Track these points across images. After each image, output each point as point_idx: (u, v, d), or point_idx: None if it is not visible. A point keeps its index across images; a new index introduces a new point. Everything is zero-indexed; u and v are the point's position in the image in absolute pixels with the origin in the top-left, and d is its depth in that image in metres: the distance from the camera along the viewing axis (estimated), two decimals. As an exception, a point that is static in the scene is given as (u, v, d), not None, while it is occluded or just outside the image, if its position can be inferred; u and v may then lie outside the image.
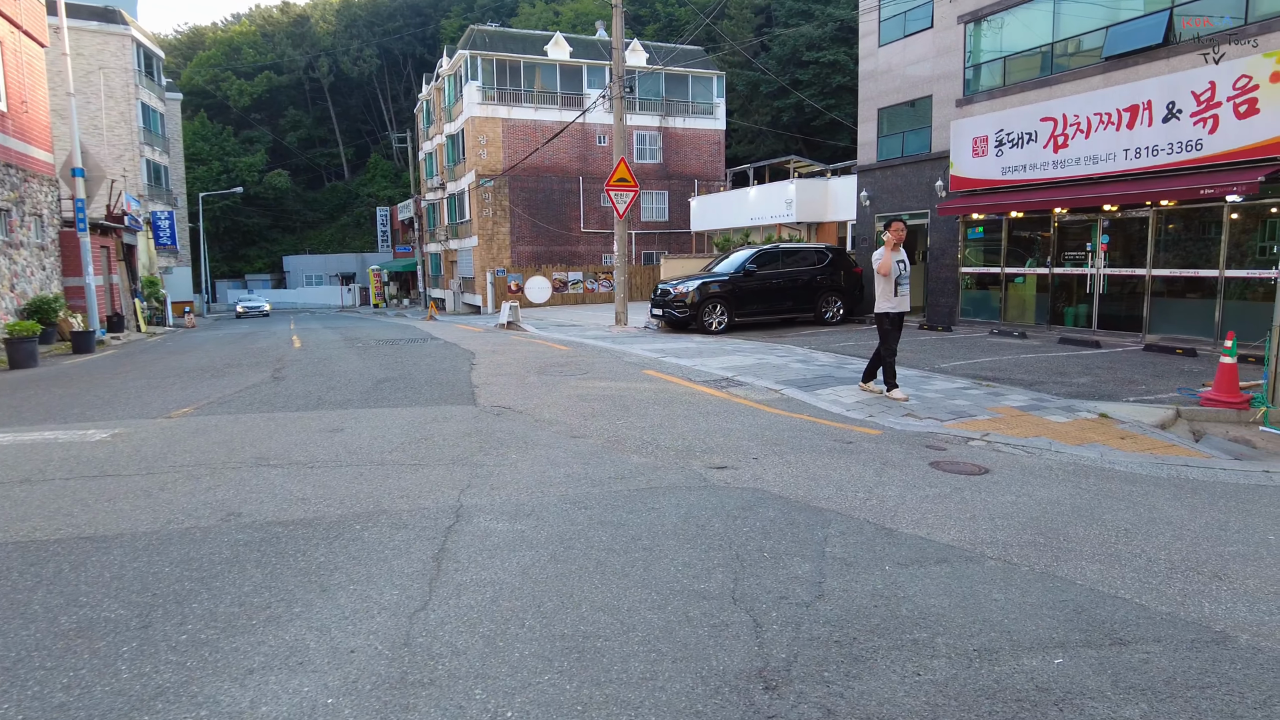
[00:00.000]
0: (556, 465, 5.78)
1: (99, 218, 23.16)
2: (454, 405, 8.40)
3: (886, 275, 8.39)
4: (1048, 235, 14.99)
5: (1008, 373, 10.30)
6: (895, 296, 8.45)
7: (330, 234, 75.47)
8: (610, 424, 7.27)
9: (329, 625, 3.24)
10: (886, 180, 19.16)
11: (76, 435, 7.02)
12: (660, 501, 4.88)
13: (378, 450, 6.28)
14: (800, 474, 5.54)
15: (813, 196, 26.05)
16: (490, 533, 4.32)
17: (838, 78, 45.77)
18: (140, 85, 40.32)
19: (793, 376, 10.13)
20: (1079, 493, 5.19)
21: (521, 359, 12.78)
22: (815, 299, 18.06)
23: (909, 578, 3.73)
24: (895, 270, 8.39)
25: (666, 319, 17.53)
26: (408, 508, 4.78)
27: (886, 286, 8.45)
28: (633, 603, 3.42)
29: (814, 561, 3.91)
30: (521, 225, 37.52)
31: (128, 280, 25.92)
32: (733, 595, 3.50)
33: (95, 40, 38.12)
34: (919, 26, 17.94)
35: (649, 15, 61.71)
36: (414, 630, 3.19)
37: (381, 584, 3.65)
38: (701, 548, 4.08)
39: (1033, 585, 3.66)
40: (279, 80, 74.85)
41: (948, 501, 4.95)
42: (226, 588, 3.63)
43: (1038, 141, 14.49)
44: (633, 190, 18.76)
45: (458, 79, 38.43)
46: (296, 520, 4.56)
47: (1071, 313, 14.81)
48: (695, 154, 41.17)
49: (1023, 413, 7.80)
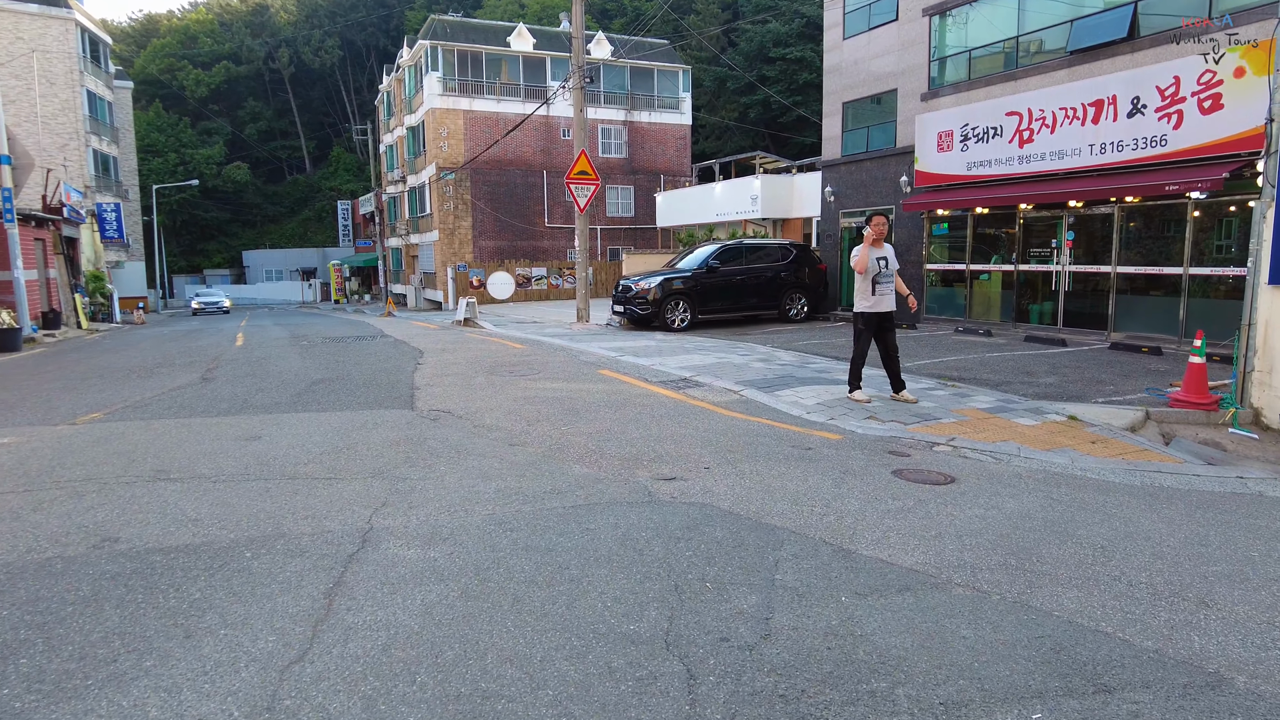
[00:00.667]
0: (488, 478, 5.27)
1: (33, 208, 22.06)
2: (389, 409, 7.84)
3: (864, 273, 7.88)
4: (1013, 232, 14.77)
5: (974, 372, 9.99)
6: (873, 295, 7.94)
7: (291, 228, 73.71)
8: (555, 429, 6.78)
9: (180, 685, 2.71)
10: (851, 176, 18.86)
11: (-40, 445, 6.35)
12: (597, 521, 4.40)
13: (292, 461, 5.71)
14: (754, 486, 5.10)
15: (778, 193, 25.71)
16: (397, 562, 3.81)
17: (805, 75, 45.59)
18: (85, 72, 38.76)
19: (753, 377, 9.72)
20: (1051, 504, 4.81)
21: (472, 358, 12.21)
22: (779, 296, 17.70)
23: (867, 611, 3.30)
24: (874, 268, 7.88)
25: (629, 316, 17.06)
26: (310, 530, 4.24)
27: (864, 285, 7.92)
28: (548, 650, 2.94)
29: (762, 592, 3.46)
30: (484, 219, 36.78)
31: (67, 275, 24.78)
32: (666, 638, 3.03)
33: (35, 24, 36.54)
34: (884, 19, 17.64)
35: (615, 9, 61.08)
36: (282, 689, 2.67)
37: (258, 627, 3.13)
38: (636, 577, 3.61)
39: (1005, 618, 3.25)
40: (238, 71, 72.88)
41: (911, 516, 4.54)
42: (70, 635, 3.08)
43: (1003, 136, 14.24)
44: (594, 183, 18.25)
45: (418, 70, 37.53)
46: (180, 546, 4.01)
47: (1037, 310, 14.60)
48: (661, 149, 40.71)
49: (989, 415, 7.46)
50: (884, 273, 7.92)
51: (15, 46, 35.68)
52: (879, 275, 7.89)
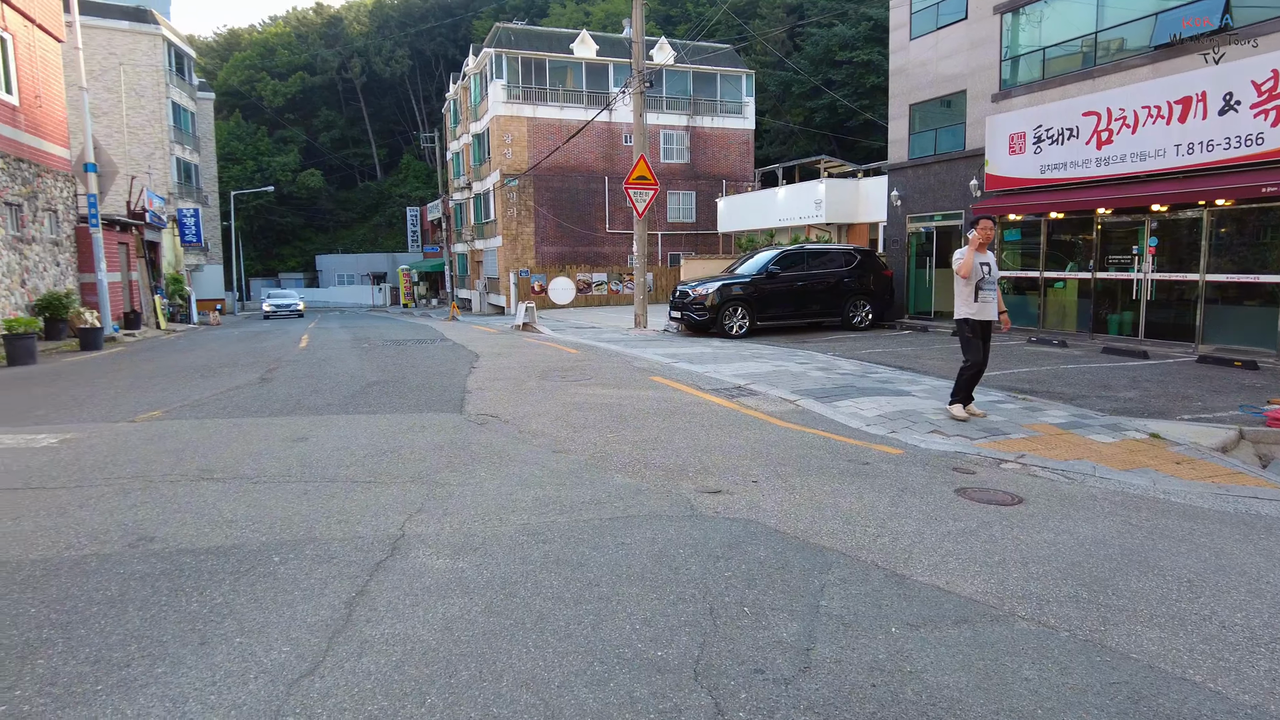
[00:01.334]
0: (527, 486, 5.12)
1: (118, 214, 23.05)
2: (438, 413, 7.79)
3: (967, 278, 7.47)
4: (1090, 237, 14.03)
5: (1046, 385, 9.45)
6: (976, 302, 7.51)
7: (362, 233, 75.79)
8: (601, 437, 6.61)
9: (187, 695, 2.61)
10: (919, 179, 18.27)
11: (24, 440, 6.52)
12: (634, 535, 4.20)
13: (334, 464, 5.67)
14: (804, 502, 4.83)
15: (843, 197, 25.18)
16: (424, 571, 3.68)
17: (872, 78, 44.70)
18: (171, 84, 40.56)
19: (811, 386, 9.38)
20: (1129, 530, 4.41)
21: (525, 362, 12.17)
22: (842, 303, 17.21)
23: (919, 644, 3.01)
24: (978, 273, 7.46)
25: (686, 321, 16.84)
26: (341, 535, 4.15)
27: (967, 290, 7.52)
28: (567, 675, 2.75)
29: (804, 620, 3.20)
30: (546, 225, 37.04)
31: (148, 277, 25.83)
32: (695, 667, 2.81)
33: (126, 40, 38.40)
34: (952, 18, 17.04)
35: (679, 15, 61.06)
36: (288, 705, 2.55)
37: (274, 637, 3.02)
38: (670, 598, 3.40)
39: (1075, 659, 2.92)
40: (312, 81, 75.40)
41: (973, 540, 4.21)
42: (90, 637, 3.03)
43: (1079, 137, 13.55)
44: (653, 188, 18.11)
45: (483, 78, 38.08)
46: (211, 548, 3.96)
47: (1116, 320, 13.82)
48: (723, 154, 40.38)
49: (1063, 431, 6.99)
50: (987, 279, 7.51)
51: (107, 61, 37.55)
52: (982, 281, 7.48)
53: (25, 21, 17.39)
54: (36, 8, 17.92)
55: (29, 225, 17.28)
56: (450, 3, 77.26)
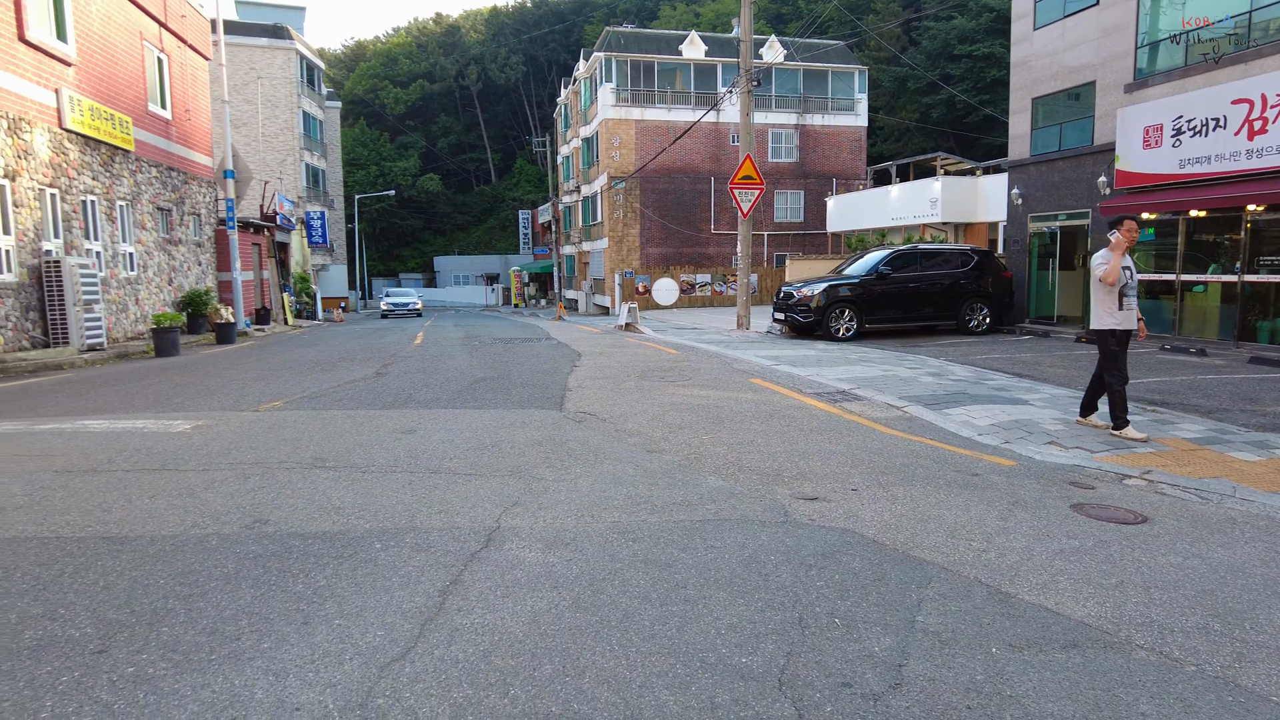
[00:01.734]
0: (620, 484, 5.15)
1: (252, 217, 24.69)
2: (538, 409, 7.95)
3: (1112, 284, 6.87)
4: (1238, 237, 12.91)
5: (1180, 396, 8.76)
6: (1121, 310, 6.93)
7: (478, 236, 78.55)
8: (696, 438, 6.57)
9: (288, 670, 2.75)
10: (1041, 176, 17.31)
11: (163, 425, 7.07)
12: (724, 538, 4.14)
13: (439, 456, 5.87)
14: (905, 513, 4.64)
15: (960, 195, 24.14)
16: (517, 564, 3.75)
17: (993, 71, 42.72)
18: (302, 95, 43.21)
19: (921, 392, 9.03)
20: (1273, 558, 4.02)
21: (625, 362, 12.26)
22: (958, 305, 16.52)
23: (1021, 667, 2.83)
24: (1123, 278, 6.88)
25: (790, 324, 16.56)
26: (440, 525, 4.29)
27: (1109, 299, 6.92)
28: (649, 676, 2.73)
29: (898, 634, 3.07)
30: (651, 227, 37.27)
31: (278, 276, 27.58)
32: (781, 676, 2.74)
33: (264, 55, 41.18)
34: (1081, 5, 16.06)
35: (790, 13, 60.20)
36: (379, 686, 2.64)
37: (370, 620, 3.14)
38: (758, 604, 3.33)
39: (1201, 697, 2.68)
40: (431, 88, 78.69)
41: (1088, 559, 3.93)
42: (207, 609, 3.23)
43: (1227, 128, 12.49)
44: (758, 188, 17.92)
45: (593, 82, 38.70)
46: (319, 533, 4.17)
47: (1267, 327, 12.67)
48: (834, 152, 39.53)
49: (1198, 446, 6.45)
50: (1130, 285, 6.95)
51: (247, 75, 40.38)
52: (1125, 287, 6.92)
53: (179, 43, 18.90)
54: (190, 30, 19.45)
55: (177, 228, 18.77)
56: (563, 8, 78.95)
